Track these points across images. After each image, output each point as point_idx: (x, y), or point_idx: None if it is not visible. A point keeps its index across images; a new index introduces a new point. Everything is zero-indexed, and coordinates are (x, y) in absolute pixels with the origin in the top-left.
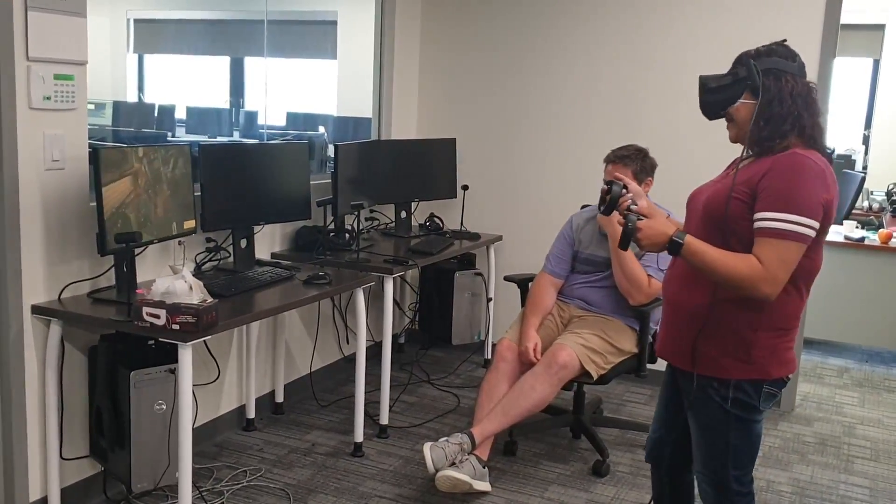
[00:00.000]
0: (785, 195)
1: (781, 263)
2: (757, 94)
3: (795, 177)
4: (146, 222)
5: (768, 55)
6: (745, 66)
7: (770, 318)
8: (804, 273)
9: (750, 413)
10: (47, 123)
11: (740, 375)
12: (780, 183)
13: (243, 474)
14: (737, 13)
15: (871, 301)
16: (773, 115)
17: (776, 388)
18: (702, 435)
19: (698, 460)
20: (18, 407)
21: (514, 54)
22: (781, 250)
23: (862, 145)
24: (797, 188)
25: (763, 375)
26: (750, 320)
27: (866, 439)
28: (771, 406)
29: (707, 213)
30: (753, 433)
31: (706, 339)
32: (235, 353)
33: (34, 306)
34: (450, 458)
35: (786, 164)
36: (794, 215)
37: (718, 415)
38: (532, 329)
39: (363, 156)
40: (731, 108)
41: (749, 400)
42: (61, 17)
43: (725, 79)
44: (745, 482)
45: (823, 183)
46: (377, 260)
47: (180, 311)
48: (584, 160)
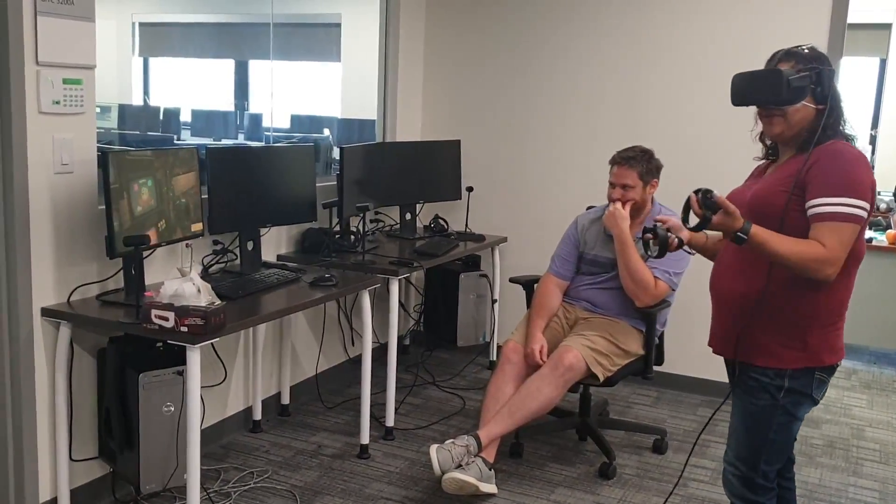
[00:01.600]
0: (837, 180)
1: (841, 245)
2: (817, 99)
3: (844, 163)
4: (154, 225)
5: (826, 61)
6: (817, 72)
7: (825, 305)
8: (854, 257)
9: (797, 406)
10: (56, 127)
11: (796, 364)
12: (830, 170)
13: (250, 476)
14: (743, 13)
15: (879, 302)
16: (831, 124)
17: (826, 375)
18: (743, 425)
19: (732, 450)
20: (28, 408)
21: (518, 56)
22: (840, 232)
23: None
24: (848, 173)
25: (816, 363)
26: (805, 309)
27: (875, 442)
28: (823, 394)
29: (755, 212)
30: (793, 430)
31: (761, 329)
32: (242, 355)
33: (44, 309)
34: (456, 460)
35: (831, 152)
36: (849, 198)
37: (767, 406)
38: (538, 331)
39: (368, 158)
40: (790, 108)
41: (802, 388)
42: (70, 22)
43: (804, 80)
44: (770, 477)
45: (868, 167)
46: (382, 262)
47: (189, 313)
48: (589, 161)
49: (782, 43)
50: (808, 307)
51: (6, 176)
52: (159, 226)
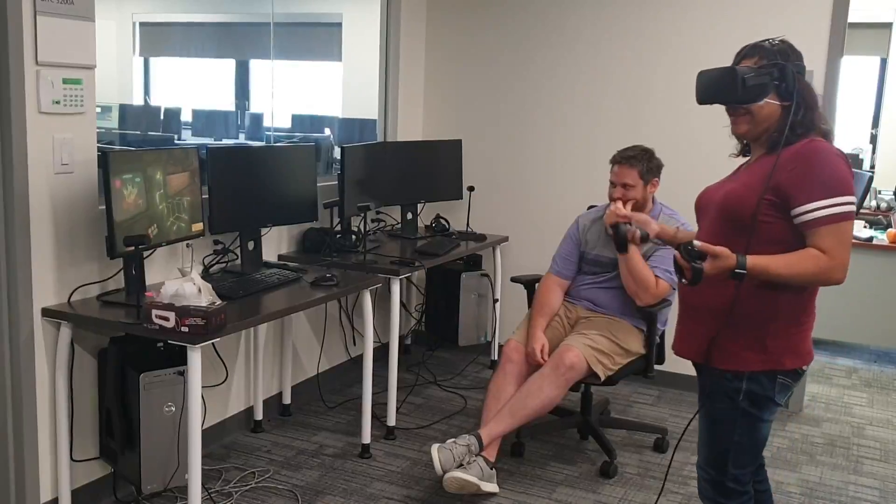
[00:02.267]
0: (822, 182)
1: (843, 246)
2: (782, 96)
3: (824, 162)
4: (154, 225)
5: (793, 55)
6: (779, 68)
7: (785, 306)
8: None
9: (761, 409)
10: (56, 127)
11: (755, 367)
12: (812, 173)
13: (252, 476)
14: (744, 12)
15: (880, 301)
16: (804, 121)
17: (790, 380)
18: (708, 429)
19: (701, 454)
20: (29, 409)
21: (519, 55)
22: (839, 234)
23: (869, 144)
24: (831, 172)
25: (777, 366)
26: (766, 311)
27: (875, 440)
28: (786, 399)
29: (725, 214)
30: (759, 433)
31: (722, 332)
32: (243, 355)
33: (44, 309)
34: (457, 459)
35: (808, 153)
36: (839, 196)
37: (728, 409)
38: (539, 330)
39: (369, 158)
40: (753, 105)
41: (763, 392)
42: (70, 22)
43: (763, 77)
44: (742, 481)
45: (846, 161)
46: (384, 261)
47: (189, 313)
48: (590, 161)
49: None
50: (767, 309)
51: (6, 176)
52: (160, 226)
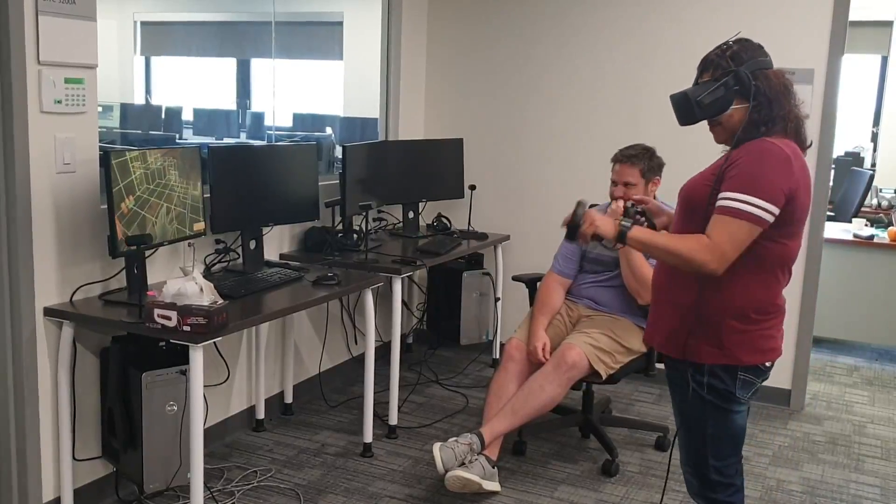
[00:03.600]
0: (746, 178)
1: (730, 240)
2: (748, 98)
3: (759, 161)
4: (156, 224)
5: (748, 56)
6: (735, 75)
7: (737, 304)
8: (777, 259)
9: (727, 402)
10: (58, 127)
11: (713, 361)
12: (744, 167)
13: (254, 475)
14: (744, 9)
15: (881, 299)
16: (771, 118)
17: (752, 376)
18: (681, 423)
19: (681, 450)
20: (31, 408)
21: (520, 54)
22: (733, 228)
23: (870, 142)
24: (759, 172)
25: (734, 361)
26: (718, 306)
27: (877, 438)
28: (750, 396)
29: (685, 204)
30: (733, 424)
31: (682, 324)
32: (245, 354)
33: (46, 308)
34: (459, 458)
35: (752, 150)
36: (752, 196)
37: (695, 401)
38: (540, 329)
39: (371, 156)
40: (722, 116)
41: (724, 387)
42: (72, 22)
43: (719, 91)
44: (727, 473)
45: (788, 170)
46: (385, 260)
47: (191, 312)
48: (591, 159)
49: (784, 41)
50: (721, 305)
51: (8, 175)
52: (162, 225)
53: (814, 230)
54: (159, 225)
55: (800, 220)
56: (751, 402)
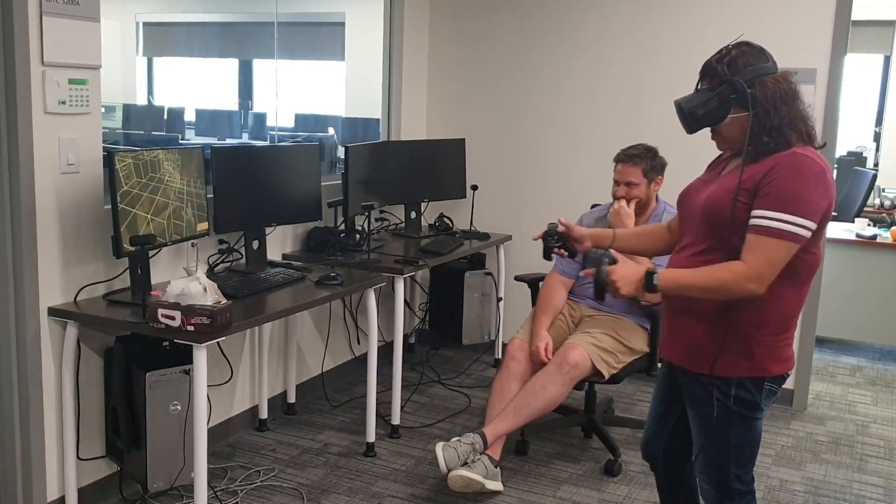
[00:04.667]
0: (787, 195)
1: (768, 262)
2: (746, 106)
3: (798, 178)
4: (160, 224)
5: (745, 63)
6: (729, 84)
7: (772, 316)
8: (807, 269)
9: (752, 410)
10: (62, 127)
11: (743, 373)
12: (782, 183)
13: (257, 474)
14: (747, 9)
15: (884, 299)
16: (773, 127)
17: (776, 385)
18: (704, 434)
19: (700, 460)
20: (36, 408)
21: (522, 54)
22: (772, 249)
23: (873, 142)
24: (800, 190)
25: (764, 373)
26: (751, 319)
27: (880, 438)
28: (771, 403)
29: (708, 216)
30: (755, 431)
31: (709, 338)
32: (248, 354)
33: (51, 308)
34: (462, 457)
35: (788, 163)
36: (794, 216)
37: (721, 413)
38: (543, 329)
39: (373, 157)
40: (720, 126)
41: (751, 398)
42: (75, 23)
43: (713, 101)
44: (746, 480)
45: (825, 185)
46: (388, 260)
47: (195, 312)
48: (593, 159)
49: (787, 40)
50: (755, 318)
51: (12, 176)
52: (165, 225)
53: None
54: (163, 225)
55: (822, 233)
56: None
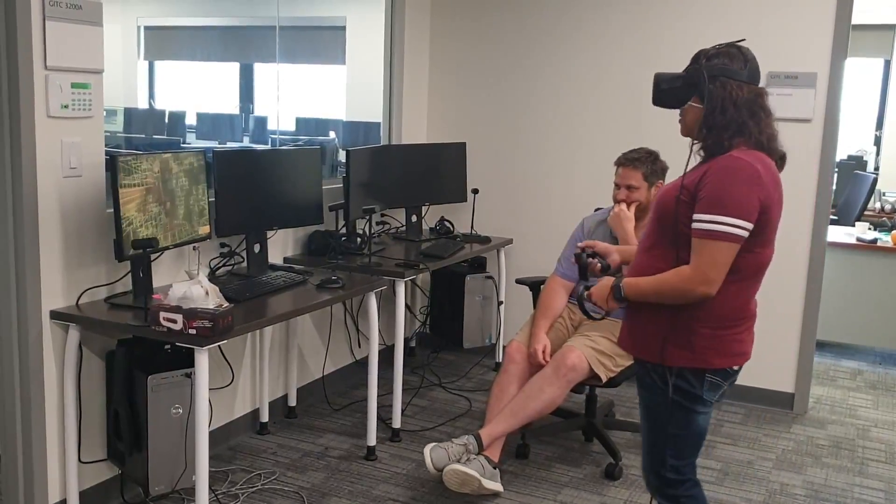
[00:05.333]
0: (718, 198)
1: (712, 264)
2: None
3: (727, 179)
4: (162, 228)
5: (721, 61)
6: (696, 72)
7: (713, 311)
8: (749, 268)
9: (692, 402)
10: (65, 131)
11: (683, 363)
12: (713, 186)
13: (258, 477)
14: (748, 13)
15: (884, 303)
16: (715, 125)
17: (719, 379)
18: (646, 420)
19: (643, 447)
20: (38, 411)
21: (523, 58)
22: (713, 251)
23: (873, 146)
24: (729, 190)
25: (704, 365)
26: (693, 312)
27: (881, 442)
28: (717, 398)
29: (656, 216)
30: (695, 424)
31: (656, 328)
32: (249, 358)
33: (53, 311)
34: (452, 458)
35: (720, 167)
36: (728, 217)
37: (660, 401)
38: (541, 331)
39: (374, 160)
40: (682, 109)
41: (691, 388)
42: (78, 27)
43: (677, 81)
44: (683, 471)
45: (759, 185)
46: (389, 264)
47: (197, 315)
48: (594, 163)
49: (787, 44)
50: (696, 312)
51: (15, 179)
52: (167, 229)
53: (817, 234)
54: (164, 229)
55: (772, 230)
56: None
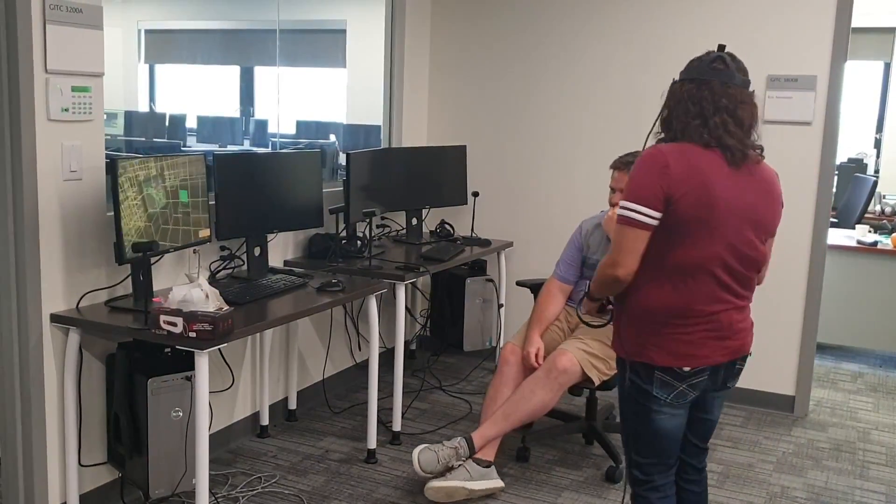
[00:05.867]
0: (629, 185)
1: (619, 247)
2: None
3: (638, 168)
4: (162, 231)
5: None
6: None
7: (649, 308)
8: (680, 266)
9: (646, 400)
10: (65, 135)
11: (633, 358)
12: (630, 174)
13: (258, 481)
14: (748, 17)
15: (885, 305)
16: (663, 119)
17: (669, 378)
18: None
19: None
20: (38, 414)
21: (523, 60)
22: (619, 234)
23: (874, 149)
24: (635, 178)
25: (648, 360)
26: (635, 308)
27: (881, 444)
28: (672, 398)
29: None
30: (653, 424)
31: (619, 323)
32: (249, 361)
33: (53, 315)
34: (442, 461)
35: (640, 157)
36: (631, 203)
37: (624, 395)
38: (536, 334)
39: (374, 163)
40: None
41: (642, 384)
42: (79, 31)
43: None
44: (648, 471)
45: (662, 173)
46: (389, 267)
47: (197, 318)
48: (594, 166)
49: (787, 48)
50: (635, 307)
51: (16, 183)
52: (167, 232)
53: (817, 237)
54: (165, 232)
55: (699, 228)
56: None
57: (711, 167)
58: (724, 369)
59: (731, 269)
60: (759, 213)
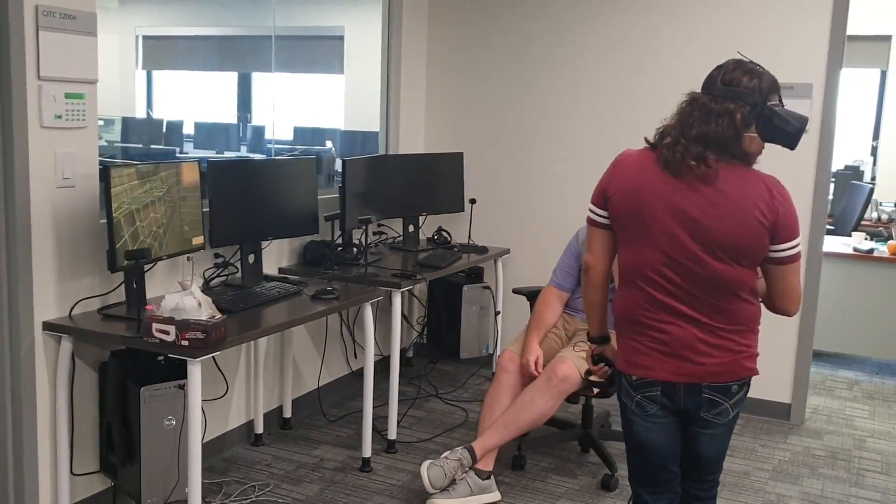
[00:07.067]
0: None
1: (587, 242)
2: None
3: None
4: (155, 239)
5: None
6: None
7: (615, 313)
8: (626, 269)
9: (622, 404)
10: (58, 142)
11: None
12: None
13: (252, 489)
14: (745, 24)
15: (881, 313)
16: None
17: (626, 385)
18: None
19: None
20: (29, 422)
21: (521, 67)
22: (587, 231)
23: (870, 156)
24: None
25: (619, 366)
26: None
27: (877, 452)
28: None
29: None
30: (628, 430)
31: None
32: (243, 369)
33: (45, 323)
34: (449, 474)
35: None
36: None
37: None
38: (534, 342)
39: (371, 170)
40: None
41: (620, 388)
42: (72, 37)
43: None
44: (635, 480)
45: (610, 171)
46: (385, 274)
47: (189, 327)
48: (592, 173)
49: (782, 55)
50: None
51: (8, 190)
52: (161, 239)
53: (813, 244)
54: (158, 239)
55: (623, 225)
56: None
57: (655, 170)
58: (683, 393)
59: (671, 280)
60: (702, 227)
